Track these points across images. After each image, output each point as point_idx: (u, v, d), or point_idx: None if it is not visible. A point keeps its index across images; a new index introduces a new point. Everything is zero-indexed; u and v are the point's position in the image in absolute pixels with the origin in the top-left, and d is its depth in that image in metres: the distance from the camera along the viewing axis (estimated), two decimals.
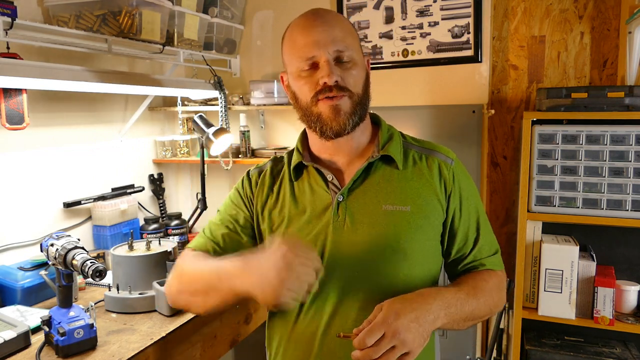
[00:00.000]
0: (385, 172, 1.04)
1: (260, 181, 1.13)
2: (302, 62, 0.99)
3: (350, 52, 0.99)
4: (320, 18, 1.00)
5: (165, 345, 1.34)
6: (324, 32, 0.97)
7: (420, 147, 1.09)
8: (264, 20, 2.39)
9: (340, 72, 0.98)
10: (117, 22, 1.70)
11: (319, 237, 1.02)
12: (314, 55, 0.97)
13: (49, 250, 1.27)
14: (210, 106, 2.35)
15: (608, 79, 1.93)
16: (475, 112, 2.04)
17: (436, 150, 1.08)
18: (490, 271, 1.06)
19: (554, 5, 1.98)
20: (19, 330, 1.27)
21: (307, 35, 0.98)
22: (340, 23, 1.01)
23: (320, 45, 0.97)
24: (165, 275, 1.55)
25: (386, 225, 1.00)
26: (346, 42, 0.99)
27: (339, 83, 0.97)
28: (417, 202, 1.01)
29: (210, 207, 2.35)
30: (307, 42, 0.97)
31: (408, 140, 1.11)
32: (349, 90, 0.98)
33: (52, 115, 1.85)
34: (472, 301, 0.96)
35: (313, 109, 1.00)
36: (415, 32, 2.13)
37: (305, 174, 1.08)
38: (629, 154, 1.63)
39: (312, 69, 0.99)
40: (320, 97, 0.98)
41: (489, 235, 1.09)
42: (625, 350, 1.76)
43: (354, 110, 0.99)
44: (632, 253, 1.83)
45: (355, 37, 1.03)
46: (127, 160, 2.23)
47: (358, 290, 0.99)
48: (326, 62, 0.97)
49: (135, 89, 1.89)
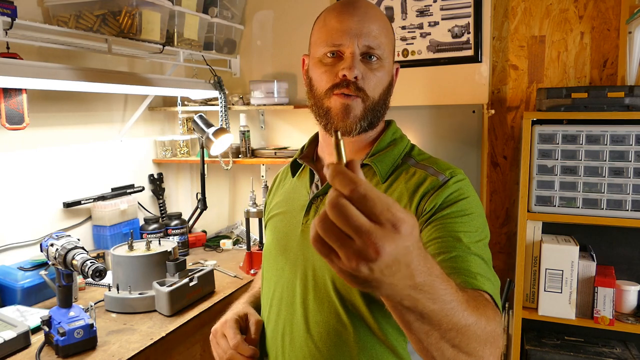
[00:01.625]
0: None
1: (277, 178, 1.18)
2: (327, 47, 0.92)
3: (380, 52, 0.92)
4: (360, 8, 0.93)
5: (165, 345, 1.34)
6: (359, 23, 0.90)
7: (418, 163, 0.96)
8: (264, 20, 2.39)
9: (363, 69, 0.91)
10: (117, 22, 1.70)
11: (289, 234, 0.99)
12: (342, 43, 0.91)
13: (49, 250, 1.27)
14: (210, 106, 2.35)
15: (608, 79, 1.93)
16: (475, 112, 2.04)
17: (432, 166, 0.93)
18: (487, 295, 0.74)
19: (554, 5, 1.98)
20: (19, 330, 1.27)
21: (341, 21, 0.91)
22: (381, 20, 0.94)
23: (352, 34, 0.90)
24: (165, 275, 1.55)
25: None
26: (379, 40, 0.92)
27: (357, 81, 0.91)
28: None
29: (210, 207, 2.35)
30: (338, 28, 0.91)
31: (412, 155, 0.99)
32: (365, 93, 0.92)
33: (52, 115, 1.85)
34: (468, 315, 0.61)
35: (325, 101, 0.94)
36: (415, 32, 2.13)
37: (302, 171, 1.07)
38: (629, 154, 1.63)
39: (337, 57, 0.92)
40: (336, 91, 0.92)
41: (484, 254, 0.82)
42: (625, 350, 1.76)
43: (364, 115, 0.93)
44: (632, 253, 1.83)
45: (391, 39, 0.97)
46: (127, 160, 2.23)
47: (321, 294, 0.91)
48: (351, 54, 0.90)
49: (135, 89, 1.89)
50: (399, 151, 0.99)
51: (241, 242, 2.37)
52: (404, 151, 0.99)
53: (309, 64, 0.99)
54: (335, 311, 0.89)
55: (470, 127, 2.05)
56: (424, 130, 2.10)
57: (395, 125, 1.04)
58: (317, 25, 0.98)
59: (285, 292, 0.97)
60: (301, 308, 0.93)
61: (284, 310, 0.96)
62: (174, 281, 1.51)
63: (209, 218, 2.48)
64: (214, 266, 1.91)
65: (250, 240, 1.97)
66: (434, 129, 2.10)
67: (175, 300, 1.47)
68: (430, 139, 2.08)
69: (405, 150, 1.00)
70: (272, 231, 1.05)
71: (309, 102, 0.99)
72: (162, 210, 2.36)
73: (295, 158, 1.07)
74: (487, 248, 0.85)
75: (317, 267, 0.92)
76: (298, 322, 0.93)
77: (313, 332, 0.91)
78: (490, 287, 0.76)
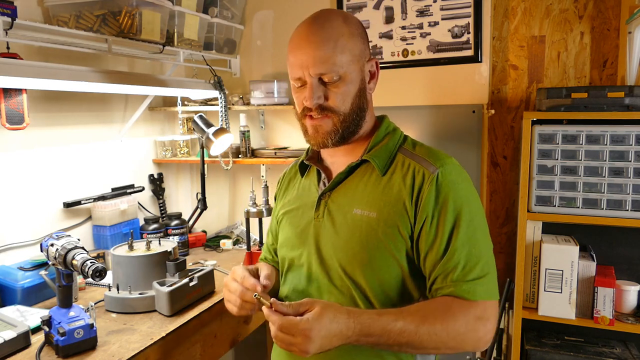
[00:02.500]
0: (367, 176, 1.04)
1: (284, 178, 1.26)
2: (293, 80, 1.04)
3: (334, 73, 0.99)
4: (309, 33, 1.00)
5: (165, 345, 1.34)
6: (308, 54, 0.99)
7: (413, 153, 1.04)
8: (264, 20, 2.39)
9: (323, 92, 1.00)
10: (117, 22, 1.70)
11: (305, 230, 1.09)
12: (299, 76, 1.01)
13: (49, 250, 1.27)
14: (210, 106, 2.35)
15: (608, 79, 1.93)
16: (475, 112, 2.04)
17: (425, 157, 1.01)
18: (457, 300, 0.93)
19: (554, 5, 1.98)
20: (19, 330, 1.27)
21: (295, 55, 1.01)
22: (331, 38, 0.98)
23: (304, 67, 0.99)
24: (165, 275, 1.55)
25: (353, 228, 1.01)
26: (332, 60, 0.98)
27: (321, 105, 1.00)
28: (384, 210, 0.99)
29: (210, 207, 2.35)
30: (295, 62, 1.01)
31: (406, 146, 1.07)
32: (332, 111, 1.01)
33: (52, 115, 1.85)
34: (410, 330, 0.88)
35: (302, 121, 1.06)
36: (415, 32, 2.13)
37: (310, 171, 1.17)
38: (629, 154, 1.63)
39: (302, 86, 1.03)
40: (306, 112, 1.03)
41: (472, 255, 0.95)
42: (625, 350, 1.76)
43: (336, 129, 1.02)
44: (632, 253, 1.83)
45: (348, 48, 1.00)
46: (127, 160, 2.23)
47: (332, 285, 1.04)
48: (309, 85, 1.00)
49: (135, 89, 1.89)
50: (393, 143, 1.07)
51: (241, 242, 2.37)
52: (398, 143, 1.08)
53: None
54: (347, 289, 1.01)
55: (470, 127, 2.05)
56: (424, 130, 2.10)
57: (389, 119, 1.13)
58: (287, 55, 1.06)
59: (303, 274, 1.09)
60: (316, 283, 1.06)
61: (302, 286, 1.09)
62: (174, 281, 1.51)
63: (209, 218, 2.48)
64: (214, 266, 1.91)
65: (250, 240, 1.97)
66: (434, 129, 2.10)
67: (175, 300, 1.47)
68: (430, 139, 2.08)
69: (399, 142, 1.08)
70: (290, 225, 1.15)
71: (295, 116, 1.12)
72: (162, 210, 2.36)
73: (302, 160, 1.18)
74: (477, 238, 0.97)
75: (325, 253, 1.05)
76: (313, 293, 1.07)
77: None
78: (464, 289, 0.93)
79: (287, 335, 0.85)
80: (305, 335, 0.83)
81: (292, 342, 0.85)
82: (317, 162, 1.16)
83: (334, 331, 0.86)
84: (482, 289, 0.94)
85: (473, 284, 0.93)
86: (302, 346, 0.84)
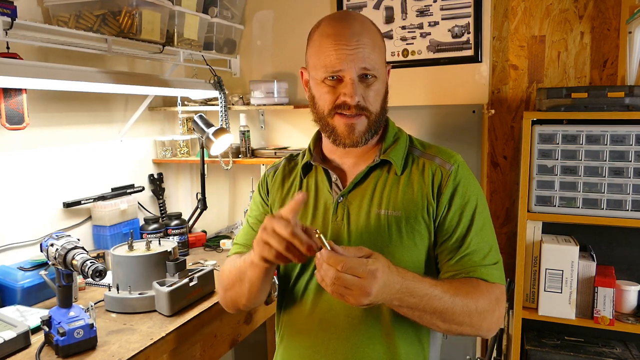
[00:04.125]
0: (384, 177, 1.06)
1: (275, 178, 1.19)
2: (327, 73, 0.99)
3: (375, 71, 0.99)
4: (353, 32, 0.98)
5: (165, 345, 1.34)
6: (354, 50, 0.96)
7: (423, 152, 1.09)
8: (264, 20, 2.39)
9: (362, 90, 0.99)
10: (117, 22, 1.70)
11: (323, 231, 1.06)
12: (340, 69, 0.97)
13: (49, 250, 1.27)
14: (210, 106, 2.35)
15: (608, 79, 1.93)
16: (475, 112, 2.04)
17: (438, 155, 1.07)
18: (482, 281, 0.99)
19: (554, 5, 1.97)
20: (19, 330, 1.27)
21: (338, 49, 0.97)
22: (371, 37, 0.99)
23: (349, 62, 0.96)
24: (165, 275, 1.55)
25: (377, 229, 1.02)
26: (373, 58, 0.98)
27: (359, 103, 0.99)
28: (408, 208, 1.02)
29: (210, 207, 2.35)
30: (336, 56, 0.97)
31: (414, 145, 1.11)
32: (367, 110, 1.00)
33: (52, 115, 1.85)
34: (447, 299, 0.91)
35: (329, 119, 1.03)
36: (415, 32, 2.13)
37: (314, 172, 1.14)
38: (629, 154, 1.63)
39: (337, 80, 0.99)
40: (338, 110, 1.00)
41: (485, 243, 1.03)
42: (625, 350, 1.76)
43: (369, 128, 1.02)
44: (632, 253, 1.83)
45: (382, 49, 1.03)
46: (127, 160, 2.23)
47: None
48: (351, 80, 0.97)
49: (135, 89, 1.89)
50: (404, 143, 1.10)
51: None
52: (407, 143, 1.11)
53: (311, 82, 1.06)
54: None
55: (470, 127, 2.05)
56: (424, 130, 2.10)
57: (392, 121, 1.14)
58: (313, 46, 1.03)
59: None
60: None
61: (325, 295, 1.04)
62: (174, 281, 1.51)
63: (209, 218, 2.48)
64: (214, 266, 1.91)
65: None
66: (434, 129, 2.10)
67: (175, 300, 1.47)
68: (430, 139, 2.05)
69: (408, 143, 1.11)
70: None
71: (312, 115, 1.08)
72: (162, 210, 2.36)
73: (308, 160, 1.13)
74: (487, 229, 1.04)
75: None
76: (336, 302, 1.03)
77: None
78: (487, 273, 0.99)
79: (352, 277, 0.79)
80: (373, 276, 0.80)
81: (355, 284, 0.79)
82: (323, 162, 1.13)
83: (391, 280, 0.84)
84: (498, 273, 1.02)
85: (491, 268, 1.00)
86: (367, 287, 0.79)
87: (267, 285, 1.08)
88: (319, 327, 1.04)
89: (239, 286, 1.07)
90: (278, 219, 0.88)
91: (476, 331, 0.97)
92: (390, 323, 1.01)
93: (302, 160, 1.15)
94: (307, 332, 1.06)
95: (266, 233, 0.90)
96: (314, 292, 1.06)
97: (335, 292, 0.81)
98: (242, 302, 1.10)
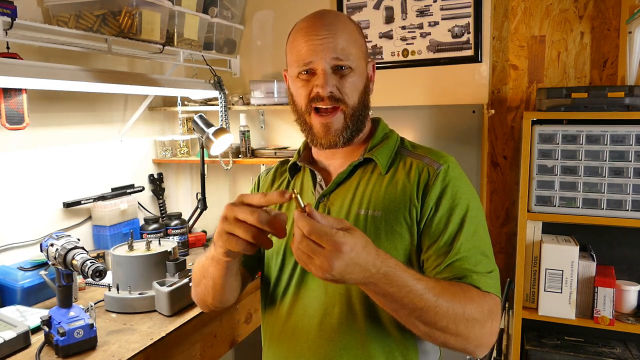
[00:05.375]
0: (368, 176, 1.03)
1: (266, 178, 1.20)
2: (300, 67, 0.99)
3: (349, 62, 0.98)
4: (324, 23, 0.98)
5: (165, 345, 1.34)
6: (324, 39, 0.96)
7: (413, 152, 1.05)
8: (264, 20, 2.39)
9: (336, 81, 0.97)
10: (117, 22, 1.70)
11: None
12: (311, 61, 0.97)
13: (49, 250, 1.27)
14: (210, 106, 2.35)
15: (608, 79, 1.93)
16: (475, 112, 2.04)
17: (427, 155, 1.03)
18: (473, 287, 0.89)
19: (554, 5, 1.97)
20: (19, 330, 1.27)
21: (308, 40, 0.97)
22: (345, 29, 0.99)
23: (319, 52, 0.96)
24: (165, 275, 1.55)
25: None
26: (347, 50, 0.97)
27: (333, 94, 0.97)
28: (389, 208, 0.97)
29: (210, 207, 2.35)
30: (307, 48, 0.97)
31: (405, 146, 1.08)
32: (343, 102, 0.98)
33: (52, 115, 1.85)
34: (429, 297, 0.80)
35: (306, 117, 1.01)
36: (415, 32, 2.13)
37: (301, 173, 1.12)
38: (629, 154, 1.63)
39: (310, 74, 0.99)
40: (314, 104, 0.99)
41: (477, 250, 0.94)
42: (625, 350, 1.76)
43: (347, 125, 1.00)
44: (632, 253, 1.83)
45: (359, 43, 1.02)
46: (127, 160, 2.22)
47: (334, 287, 0.97)
48: (322, 71, 0.96)
49: (135, 89, 1.89)
50: (392, 143, 1.07)
51: None
52: (397, 144, 1.08)
53: (289, 80, 1.06)
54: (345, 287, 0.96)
55: (470, 127, 2.05)
56: (424, 130, 2.10)
57: (384, 122, 1.12)
58: (289, 44, 1.03)
59: (302, 278, 1.02)
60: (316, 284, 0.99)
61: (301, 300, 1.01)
62: (174, 281, 1.51)
63: (209, 218, 2.48)
64: None
65: None
66: (434, 129, 2.10)
67: (175, 300, 1.47)
68: (430, 139, 2.08)
69: (398, 143, 1.08)
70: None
71: (293, 115, 1.07)
72: (162, 210, 2.36)
73: (295, 161, 1.13)
74: (479, 233, 0.96)
75: None
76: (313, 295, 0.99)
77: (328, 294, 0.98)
78: (483, 282, 0.90)
79: (314, 244, 0.72)
80: (336, 249, 0.71)
81: (317, 251, 0.71)
82: (310, 164, 1.11)
83: (362, 260, 0.74)
84: (493, 282, 0.92)
85: (485, 275, 0.91)
86: (328, 259, 0.71)
87: (234, 284, 1.03)
88: (292, 335, 1.01)
89: (204, 283, 1.02)
90: (239, 206, 0.79)
91: (463, 342, 0.85)
92: (365, 333, 0.95)
93: (290, 162, 1.14)
94: (282, 339, 1.03)
95: (228, 223, 0.80)
96: (291, 296, 1.02)
97: (298, 259, 0.74)
98: (209, 300, 1.06)
